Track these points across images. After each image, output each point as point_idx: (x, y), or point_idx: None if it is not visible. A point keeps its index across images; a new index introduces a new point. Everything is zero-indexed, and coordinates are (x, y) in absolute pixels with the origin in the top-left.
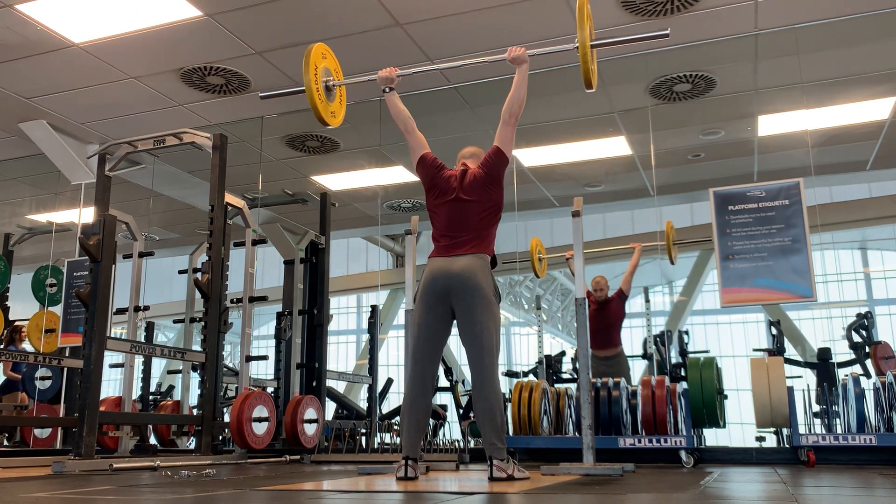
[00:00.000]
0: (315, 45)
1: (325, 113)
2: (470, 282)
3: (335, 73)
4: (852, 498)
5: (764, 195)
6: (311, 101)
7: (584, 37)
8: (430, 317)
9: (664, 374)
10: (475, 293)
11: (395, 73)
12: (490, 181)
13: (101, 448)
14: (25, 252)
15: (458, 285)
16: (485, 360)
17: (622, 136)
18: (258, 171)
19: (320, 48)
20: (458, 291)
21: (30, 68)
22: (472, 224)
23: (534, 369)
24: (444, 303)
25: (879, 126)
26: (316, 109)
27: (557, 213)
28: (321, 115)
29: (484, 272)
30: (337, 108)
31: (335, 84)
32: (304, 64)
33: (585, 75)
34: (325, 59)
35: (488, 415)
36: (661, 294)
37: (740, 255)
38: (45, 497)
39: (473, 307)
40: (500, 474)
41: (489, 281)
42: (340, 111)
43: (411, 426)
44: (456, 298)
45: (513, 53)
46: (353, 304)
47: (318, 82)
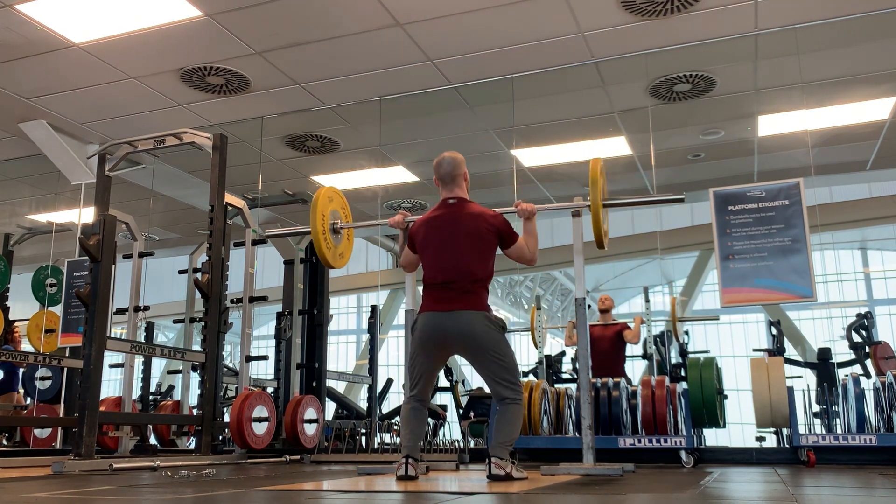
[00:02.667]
0: (322, 190)
1: (333, 258)
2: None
3: (342, 211)
4: (852, 498)
5: (764, 195)
6: (319, 249)
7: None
8: (429, 360)
9: (664, 374)
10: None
11: (403, 219)
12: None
13: (101, 448)
14: (25, 252)
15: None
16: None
17: (622, 136)
18: (258, 171)
19: (327, 193)
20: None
21: (30, 68)
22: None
23: (534, 369)
24: (441, 353)
25: (879, 126)
26: (323, 257)
27: (557, 213)
28: (329, 260)
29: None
30: (345, 247)
31: (342, 227)
32: (311, 211)
33: (597, 237)
34: (332, 202)
35: (508, 422)
36: (661, 294)
37: (740, 255)
38: (45, 497)
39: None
40: (499, 472)
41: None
42: (348, 250)
43: (411, 429)
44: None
45: (522, 208)
46: (353, 304)
47: (326, 228)
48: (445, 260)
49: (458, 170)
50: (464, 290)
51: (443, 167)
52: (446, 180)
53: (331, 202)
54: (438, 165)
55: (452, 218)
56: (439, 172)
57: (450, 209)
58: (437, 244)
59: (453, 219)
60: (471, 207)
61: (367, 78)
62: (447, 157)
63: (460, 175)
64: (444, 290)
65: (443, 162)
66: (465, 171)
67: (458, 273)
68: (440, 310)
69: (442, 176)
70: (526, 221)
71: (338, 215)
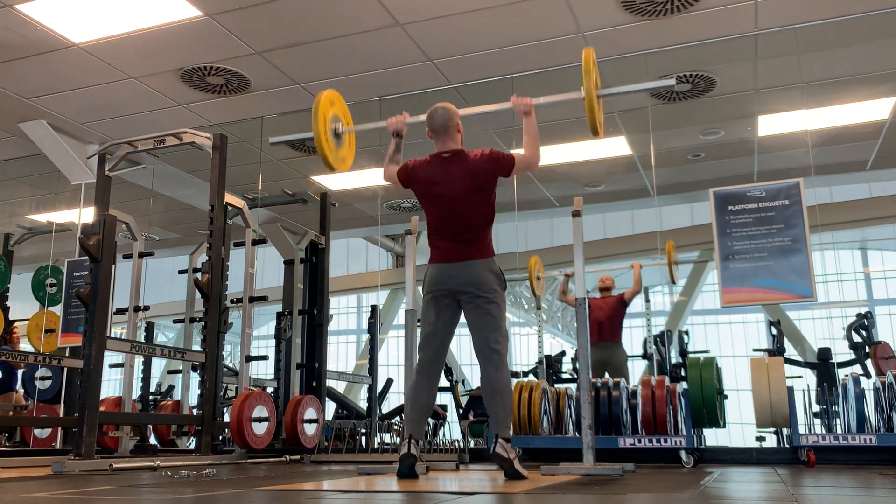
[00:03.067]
0: (324, 92)
1: (335, 160)
2: (480, 290)
3: (343, 117)
4: (852, 498)
5: (764, 195)
6: (320, 150)
7: (590, 85)
8: (438, 313)
9: (664, 374)
10: (485, 297)
11: (404, 121)
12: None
13: (101, 448)
14: (25, 252)
15: (467, 292)
16: (494, 344)
17: (622, 136)
18: (258, 171)
19: (329, 95)
20: (468, 296)
21: (30, 68)
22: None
23: (534, 369)
24: (451, 302)
25: (879, 126)
26: (325, 157)
27: (557, 213)
28: (331, 162)
29: (491, 275)
30: (346, 153)
31: (344, 130)
32: (312, 113)
33: (592, 124)
34: (334, 106)
35: (498, 392)
36: (661, 294)
37: (740, 255)
38: (45, 497)
39: (483, 306)
40: (502, 452)
41: (496, 279)
42: (350, 155)
43: (417, 408)
44: (464, 300)
45: (519, 104)
46: (353, 304)
47: (328, 130)
48: (449, 216)
49: (451, 121)
50: (470, 241)
51: (436, 119)
52: (439, 132)
53: (332, 105)
54: (431, 117)
55: (450, 174)
56: (432, 124)
57: (445, 166)
58: (440, 203)
59: (451, 175)
60: (465, 159)
61: (367, 78)
62: (440, 107)
63: (453, 126)
64: (452, 241)
65: (435, 113)
66: (459, 122)
67: (463, 228)
68: (449, 261)
69: (435, 127)
70: (525, 118)
71: (339, 119)
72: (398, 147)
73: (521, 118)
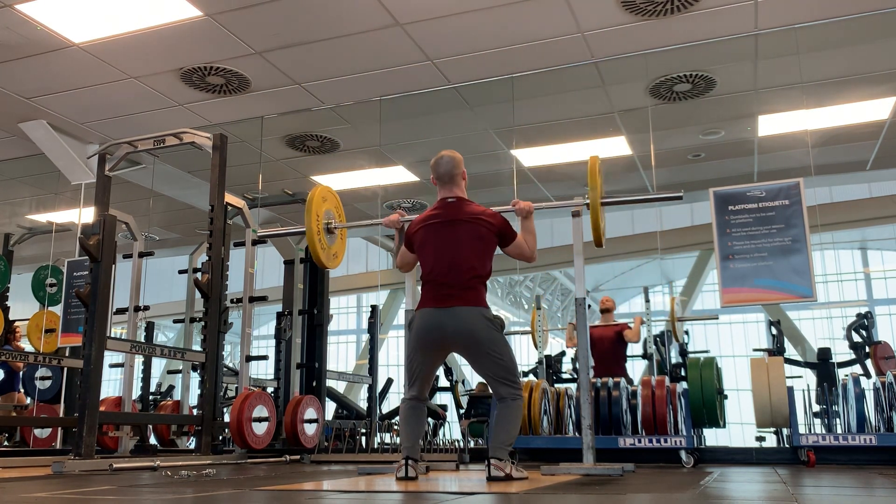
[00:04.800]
0: (317, 189)
1: (327, 258)
2: (475, 341)
3: (336, 211)
4: (852, 498)
5: (764, 195)
6: (313, 248)
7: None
8: (427, 358)
9: (664, 374)
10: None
11: (399, 220)
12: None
13: (101, 448)
14: (25, 252)
15: (459, 343)
16: (505, 379)
17: (622, 136)
18: (258, 171)
19: (321, 192)
20: (461, 348)
21: (30, 68)
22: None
23: (534, 369)
24: (439, 353)
25: (879, 126)
26: (318, 257)
27: (557, 213)
28: (322, 260)
29: (485, 321)
30: (338, 247)
31: (336, 227)
32: (306, 209)
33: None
34: (327, 202)
35: (508, 421)
36: (661, 294)
37: (740, 255)
38: (45, 497)
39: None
40: (498, 473)
41: (491, 326)
42: (342, 251)
43: (410, 430)
44: (458, 351)
45: (520, 207)
46: (353, 304)
47: (321, 229)
48: (444, 258)
49: (456, 169)
50: (462, 287)
51: (441, 167)
52: (444, 179)
53: (325, 202)
54: (437, 165)
55: (451, 217)
56: (437, 172)
57: (448, 208)
58: (436, 243)
59: (452, 218)
60: (469, 206)
61: (367, 78)
62: (445, 156)
63: (458, 174)
64: (443, 287)
65: (441, 161)
66: (464, 170)
67: (456, 270)
68: (438, 306)
69: (440, 175)
70: (524, 220)
71: (332, 215)
72: (402, 239)
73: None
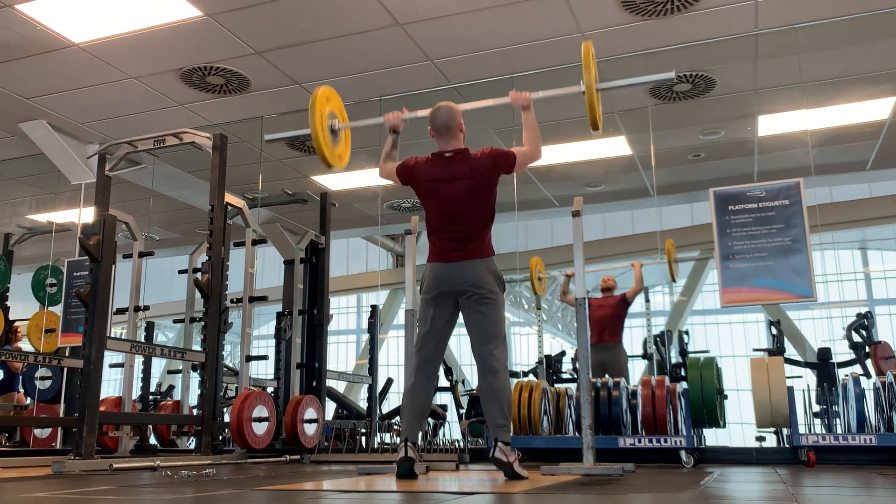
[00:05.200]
0: (320, 88)
1: (332, 157)
2: (478, 289)
3: (339, 113)
4: (852, 498)
5: (764, 195)
6: (318, 146)
7: (590, 80)
8: (436, 313)
9: (664, 374)
10: (483, 297)
11: (402, 118)
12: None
13: (101, 448)
14: (25, 252)
15: (466, 291)
16: (492, 344)
17: (622, 136)
18: (258, 171)
19: (325, 92)
20: (466, 295)
21: (30, 68)
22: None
23: (534, 369)
24: (450, 302)
25: (879, 126)
26: (322, 154)
27: (557, 213)
28: (327, 158)
29: (490, 275)
30: (343, 149)
31: (340, 127)
32: (309, 109)
33: (592, 119)
34: (330, 102)
35: (495, 396)
36: (661, 294)
37: (740, 255)
38: (45, 497)
39: (481, 307)
40: (501, 456)
41: (495, 280)
42: (346, 152)
43: (413, 409)
44: (463, 299)
45: (518, 100)
46: (353, 304)
47: (324, 127)
48: (450, 214)
49: (453, 120)
50: (470, 239)
51: (439, 118)
52: (442, 130)
53: (328, 102)
54: (434, 116)
55: (452, 173)
56: (435, 123)
57: (448, 165)
58: (440, 200)
59: (453, 174)
60: (467, 158)
61: (367, 78)
62: (443, 107)
63: (456, 126)
64: (452, 241)
65: (438, 113)
66: (462, 121)
67: (463, 227)
68: (448, 261)
69: (438, 126)
70: (524, 113)
71: (335, 115)
72: (395, 144)
73: (521, 113)
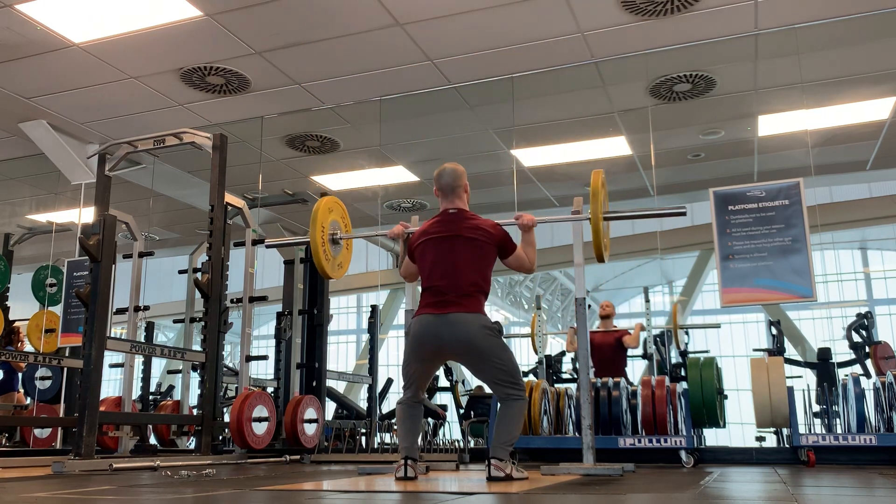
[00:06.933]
0: (323, 199)
1: (332, 269)
2: (476, 348)
3: (342, 221)
4: (852, 498)
5: (764, 195)
6: (317, 259)
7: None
8: (422, 365)
9: (664, 374)
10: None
11: (403, 231)
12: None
13: (101, 448)
14: (25, 252)
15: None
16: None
17: (622, 136)
18: (258, 171)
19: (327, 204)
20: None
21: (30, 68)
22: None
23: (534, 369)
24: (439, 357)
25: (879, 126)
26: (322, 269)
27: (557, 213)
28: (327, 271)
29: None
30: (343, 258)
31: (342, 237)
32: (311, 221)
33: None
34: (332, 213)
35: (507, 422)
36: (661, 294)
37: (740, 255)
38: (45, 497)
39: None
40: (498, 473)
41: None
42: (347, 260)
43: (408, 431)
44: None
45: (523, 220)
46: (353, 304)
47: (325, 240)
48: (443, 267)
49: (458, 181)
50: (460, 294)
51: (443, 179)
52: (446, 191)
53: (331, 213)
54: (439, 177)
55: (451, 230)
56: (440, 183)
57: (449, 219)
58: (436, 254)
59: (452, 231)
60: (470, 219)
61: (367, 78)
62: (448, 168)
63: (460, 187)
64: (441, 294)
65: (443, 174)
66: (466, 182)
67: (455, 279)
68: (435, 312)
69: (442, 187)
70: (525, 233)
71: (337, 225)
72: (406, 249)
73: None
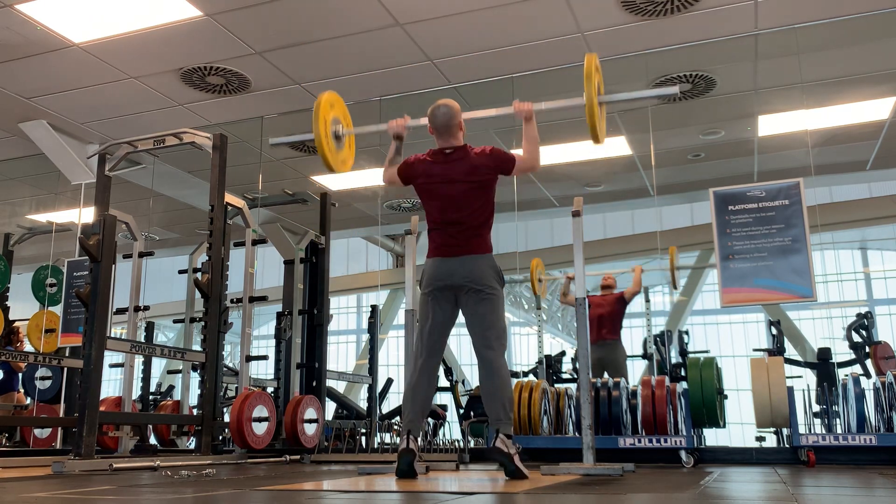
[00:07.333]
0: (324, 94)
1: (336, 162)
2: (478, 285)
3: (343, 119)
4: (852, 498)
5: (764, 195)
6: (322, 153)
7: (591, 92)
8: (436, 309)
9: (664, 374)
10: (484, 293)
11: (405, 125)
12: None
13: (101, 448)
14: (25, 252)
15: (465, 286)
16: (492, 341)
17: (622, 136)
18: (258, 171)
19: (329, 98)
20: (465, 290)
21: (30, 68)
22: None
23: (534, 369)
24: (449, 297)
25: (879, 126)
26: (326, 160)
27: (557, 213)
28: (332, 164)
29: (490, 271)
30: (347, 155)
31: (344, 133)
32: (313, 115)
33: (593, 132)
34: (334, 108)
35: (496, 393)
36: (661, 294)
37: (740, 255)
38: (45, 497)
39: (482, 304)
40: (502, 447)
41: (495, 276)
42: (350, 157)
43: (415, 404)
44: (462, 295)
45: (521, 109)
46: (353, 304)
47: (328, 133)
48: (450, 212)
49: (453, 119)
50: (469, 236)
51: (438, 116)
52: (442, 129)
53: (332, 108)
54: (433, 115)
55: (451, 175)
56: (435, 121)
57: (448, 162)
58: (441, 199)
59: (452, 176)
60: (467, 155)
61: (367, 78)
62: (442, 105)
63: (456, 124)
64: (451, 237)
65: (438, 111)
66: (461, 119)
67: (462, 224)
68: (448, 255)
69: (437, 125)
70: (525, 124)
71: (339, 121)
72: (398, 150)
73: (522, 123)
